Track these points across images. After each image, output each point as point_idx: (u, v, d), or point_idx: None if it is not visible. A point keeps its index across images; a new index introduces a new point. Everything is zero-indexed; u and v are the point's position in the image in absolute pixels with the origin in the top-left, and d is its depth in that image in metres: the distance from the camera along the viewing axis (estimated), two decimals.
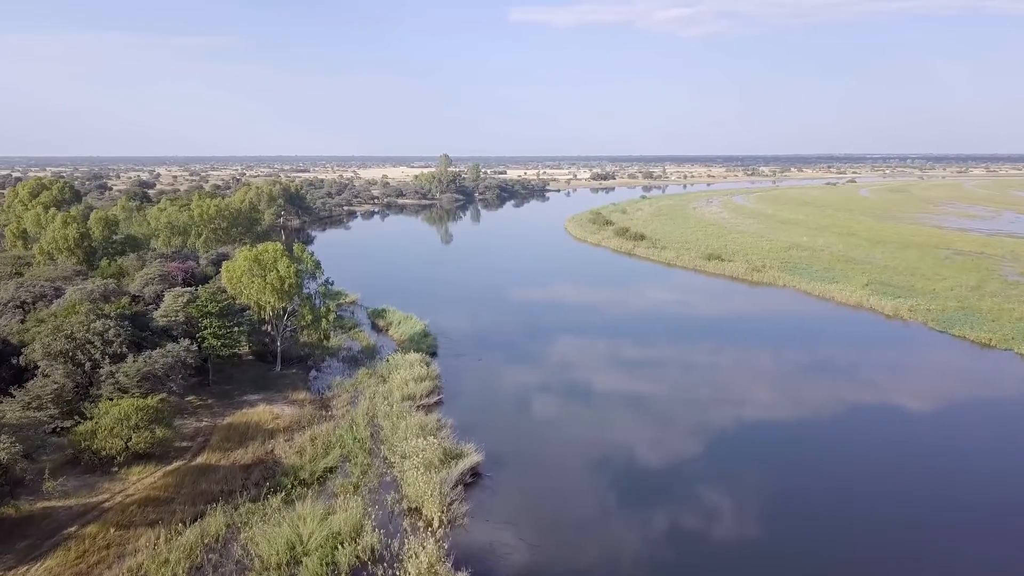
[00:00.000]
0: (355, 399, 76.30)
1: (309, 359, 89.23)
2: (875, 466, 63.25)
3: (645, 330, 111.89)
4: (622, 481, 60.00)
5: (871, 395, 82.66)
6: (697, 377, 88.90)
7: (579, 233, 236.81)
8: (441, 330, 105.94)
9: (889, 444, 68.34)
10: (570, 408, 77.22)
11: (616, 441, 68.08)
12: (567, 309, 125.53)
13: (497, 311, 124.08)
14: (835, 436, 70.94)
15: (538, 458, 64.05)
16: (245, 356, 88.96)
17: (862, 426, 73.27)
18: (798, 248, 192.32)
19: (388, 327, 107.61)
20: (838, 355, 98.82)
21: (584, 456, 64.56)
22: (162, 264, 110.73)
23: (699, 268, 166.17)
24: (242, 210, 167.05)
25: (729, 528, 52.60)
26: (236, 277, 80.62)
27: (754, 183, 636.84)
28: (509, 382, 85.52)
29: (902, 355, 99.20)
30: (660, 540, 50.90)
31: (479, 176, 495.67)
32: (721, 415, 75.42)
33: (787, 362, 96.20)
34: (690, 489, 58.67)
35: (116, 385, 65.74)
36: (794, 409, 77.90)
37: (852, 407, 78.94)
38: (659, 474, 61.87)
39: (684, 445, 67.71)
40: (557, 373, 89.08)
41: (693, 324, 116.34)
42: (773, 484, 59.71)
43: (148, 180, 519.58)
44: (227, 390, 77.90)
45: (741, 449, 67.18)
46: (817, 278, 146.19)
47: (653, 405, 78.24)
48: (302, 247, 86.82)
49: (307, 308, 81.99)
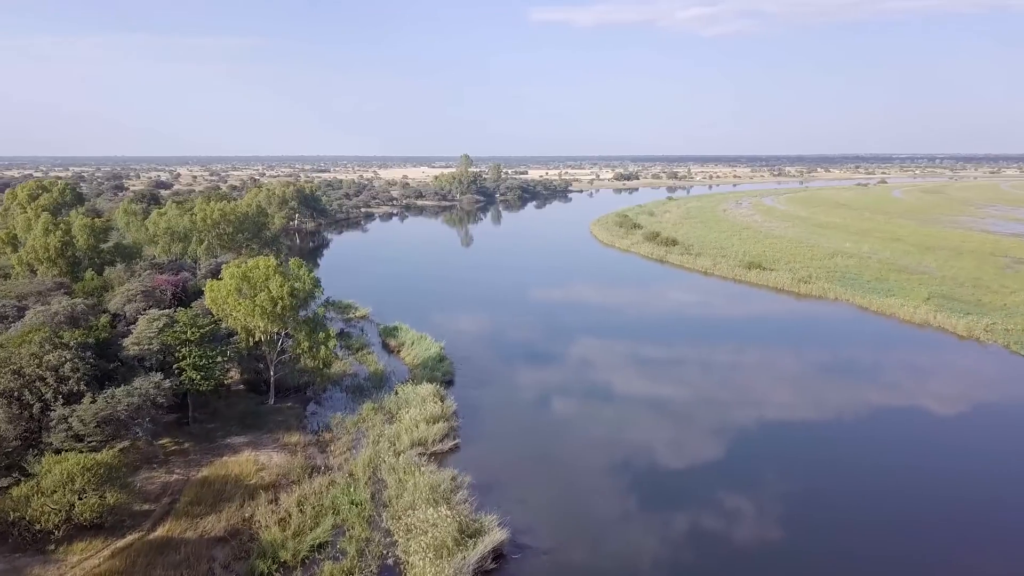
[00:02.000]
0: (357, 442, 64.99)
1: (308, 388, 77.99)
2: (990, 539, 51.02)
3: (693, 356, 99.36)
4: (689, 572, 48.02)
5: (974, 438, 70.22)
6: (774, 425, 76.53)
7: (606, 238, 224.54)
8: (459, 351, 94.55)
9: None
10: (616, 461, 64.27)
11: (680, 514, 55.21)
12: (600, 328, 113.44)
13: (521, 329, 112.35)
14: (960, 506, 58.58)
15: (577, 531, 51.90)
16: (235, 385, 77.98)
17: (979, 494, 60.86)
18: (843, 255, 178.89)
19: (400, 348, 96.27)
20: (918, 387, 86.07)
21: (637, 530, 52.52)
22: (152, 276, 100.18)
23: (739, 278, 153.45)
24: (249, 214, 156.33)
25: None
26: (221, 298, 69.51)
27: (780, 184, 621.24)
28: (539, 423, 73.34)
29: (992, 389, 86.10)
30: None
31: (500, 176, 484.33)
32: (821, 483, 63.24)
33: (869, 401, 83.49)
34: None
35: (69, 432, 54.89)
36: (900, 459, 65.56)
37: (957, 454, 66.52)
38: (744, 561, 49.72)
39: (778, 523, 54.96)
40: (596, 412, 76.78)
41: (744, 347, 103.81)
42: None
43: (166, 180, 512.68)
44: (209, 430, 66.86)
45: (850, 517, 55.05)
46: (871, 290, 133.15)
47: (719, 457, 66.14)
48: (299, 262, 75.46)
49: (303, 334, 70.59)
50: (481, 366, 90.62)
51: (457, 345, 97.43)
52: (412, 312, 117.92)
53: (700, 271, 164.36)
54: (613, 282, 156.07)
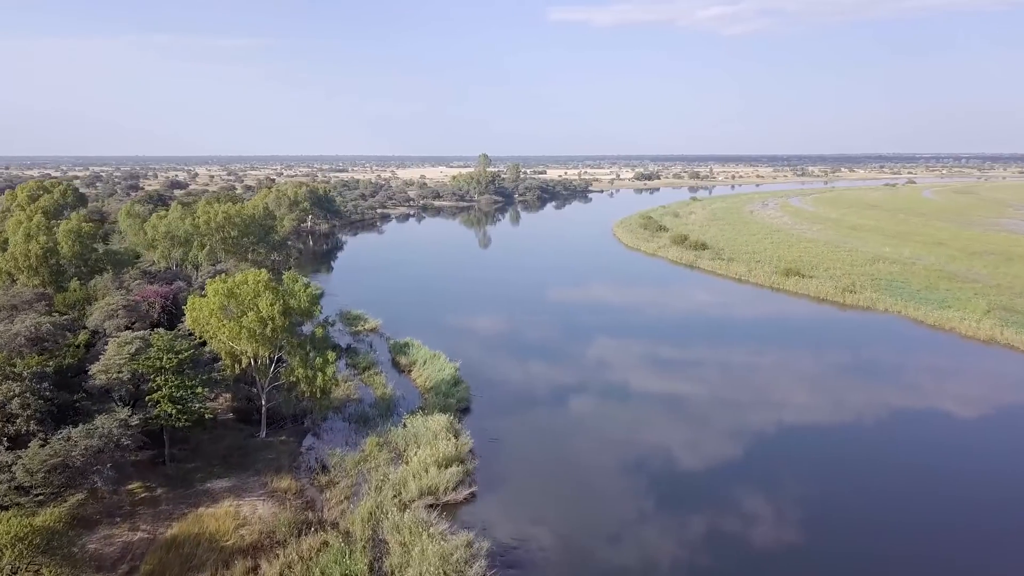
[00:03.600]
0: (357, 488, 55.77)
1: (306, 418, 68.94)
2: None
3: (741, 380, 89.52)
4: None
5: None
6: (838, 479, 66.73)
7: (631, 240, 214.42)
8: (477, 369, 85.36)
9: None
10: (672, 523, 54.17)
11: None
12: (632, 343, 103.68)
13: (545, 343, 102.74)
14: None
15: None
16: (223, 414, 69.11)
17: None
18: (884, 261, 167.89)
19: (411, 367, 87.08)
20: (1008, 419, 75.83)
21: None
22: (141, 286, 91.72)
23: (776, 286, 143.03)
24: (255, 216, 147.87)
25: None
26: (203, 318, 60.61)
27: (804, 184, 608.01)
28: (572, 467, 63.27)
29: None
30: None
31: (519, 176, 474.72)
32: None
33: (951, 435, 73.36)
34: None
35: (12, 483, 46.18)
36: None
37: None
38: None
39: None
40: (641, 453, 66.94)
41: (794, 370, 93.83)
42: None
43: (182, 180, 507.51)
44: (187, 471, 57.95)
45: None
46: (923, 301, 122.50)
47: (787, 514, 56.42)
48: (294, 276, 66.24)
49: (298, 359, 61.45)
50: (502, 389, 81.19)
51: (475, 363, 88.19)
52: (426, 323, 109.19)
53: (733, 277, 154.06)
54: (642, 290, 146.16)
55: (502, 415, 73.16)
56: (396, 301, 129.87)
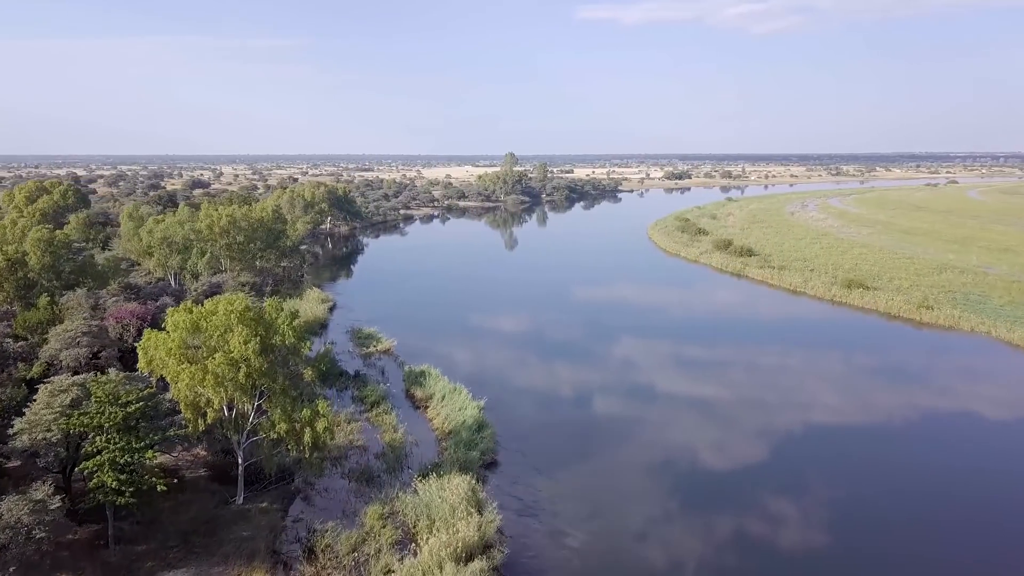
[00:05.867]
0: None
1: (295, 475, 55.99)
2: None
3: (816, 434, 75.65)
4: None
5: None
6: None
7: (668, 245, 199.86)
8: (504, 406, 72.26)
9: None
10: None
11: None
12: (688, 372, 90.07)
13: (583, 370, 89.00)
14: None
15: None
16: (193, 470, 56.45)
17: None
18: (952, 270, 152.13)
19: (428, 402, 74.00)
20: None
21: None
22: (119, 304, 79.58)
23: (837, 299, 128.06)
24: (263, 219, 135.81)
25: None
26: (159, 358, 47.88)
27: (840, 184, 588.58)
28: (628, 555, 50.29)
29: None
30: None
31: (546, 176, 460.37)
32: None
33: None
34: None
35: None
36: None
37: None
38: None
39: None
40: (732, 532, 53.52)
41: (900, 414, 79.60)
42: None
43: (205, 179, 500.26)
44: (136, 556, 45.19)
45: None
46: (1014, 320, 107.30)
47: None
48: (277, 304, 52.75)
49: (279, 411, 48.40)
50: (538, 436, 67.65)
51: (502, 397, 74.97)
52: (446, 343, 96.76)
53: (787, 288, 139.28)
54: (687, 303, 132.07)
55: (538, 473, 59.53)
56: (413, 314, 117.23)
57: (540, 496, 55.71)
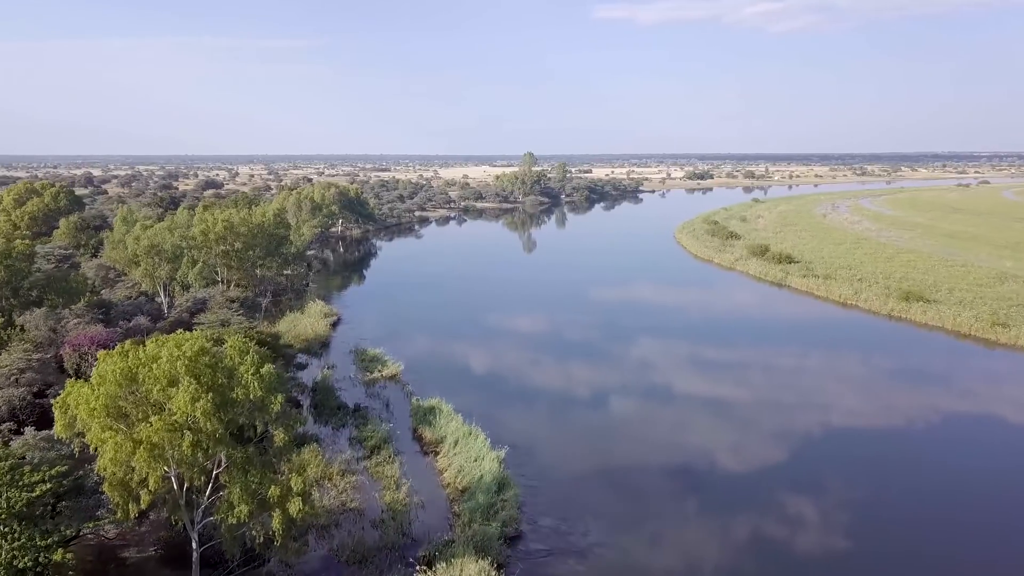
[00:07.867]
0: None
1: (267, 560, 44.58)
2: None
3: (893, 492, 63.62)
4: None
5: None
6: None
7: (699, 250, 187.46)
8: (528, 453, 60.82)
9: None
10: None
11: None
12: (745, 410, 78.27)
13: (623, 405, 77.40)
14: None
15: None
16: (143, 549, 45.31)
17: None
18: (1015, 279, 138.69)
19: (438, 447, 62.57)
20: None
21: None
22: (81, 326, 68.78)
23: (894, 314, 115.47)
24: (264, 224, 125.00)
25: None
26: (82, 421, 36.69)
27: (865, 184, 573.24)
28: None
29: None
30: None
31: (565, 176, 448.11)
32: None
33: None
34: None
35: None
36: None
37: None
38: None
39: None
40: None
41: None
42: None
43: (217, 180, 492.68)
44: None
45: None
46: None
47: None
48: (242, 344, 40.89)
49: (239, 489, 36.93)
50: (572, 488, 56.18)
51: (526, 440, 63.54)
52: (458, 368, 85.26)
53: (836, 301, 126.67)
54: (724, 316, 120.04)
55: (574, 554, 47.80)
56: (423, 331, 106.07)
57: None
